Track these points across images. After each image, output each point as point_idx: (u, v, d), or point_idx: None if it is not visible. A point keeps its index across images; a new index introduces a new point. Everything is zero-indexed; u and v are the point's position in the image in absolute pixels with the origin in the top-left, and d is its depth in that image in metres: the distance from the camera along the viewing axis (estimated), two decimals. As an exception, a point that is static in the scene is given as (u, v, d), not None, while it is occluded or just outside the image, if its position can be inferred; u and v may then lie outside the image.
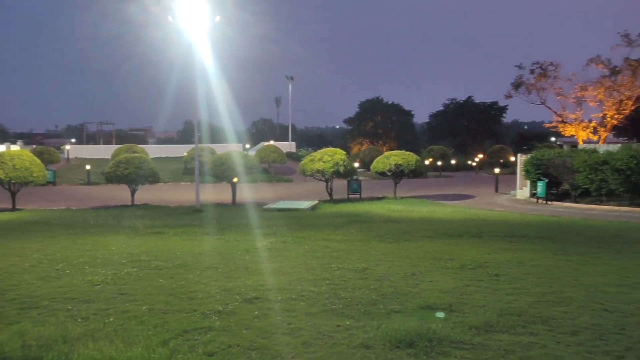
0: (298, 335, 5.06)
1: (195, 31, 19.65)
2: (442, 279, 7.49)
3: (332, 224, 14.27)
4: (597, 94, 40.05)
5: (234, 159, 22.65)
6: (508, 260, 8.86)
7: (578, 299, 6.33)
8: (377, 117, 79.86)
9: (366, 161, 41.29)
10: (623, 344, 4.74)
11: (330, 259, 9.01)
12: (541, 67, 42.21)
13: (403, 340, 4.74)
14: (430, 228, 13.32)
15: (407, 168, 23.67)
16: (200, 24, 19.54)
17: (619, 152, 19.95)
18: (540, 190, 22.10)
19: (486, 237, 11.69)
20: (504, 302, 6.18)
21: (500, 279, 7.44)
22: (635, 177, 18.68)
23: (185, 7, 19.12)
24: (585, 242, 11.07)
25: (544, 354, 4.45)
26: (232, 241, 11.34)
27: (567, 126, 41.95)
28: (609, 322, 5.40)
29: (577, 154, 22.14)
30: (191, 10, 19.15)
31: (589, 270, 8.10)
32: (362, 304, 6.09)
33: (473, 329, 5.15)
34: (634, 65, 38.63)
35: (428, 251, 9.83)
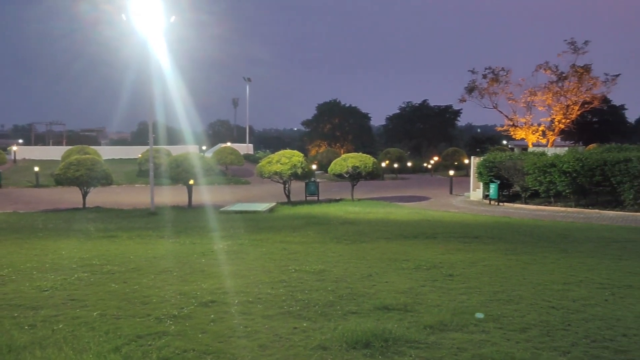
0: (255, 338, 5.03)
1: (151, 31, 19.28)
2: (398, 279, 7.60)
3: (290, 226, 14.26)
4: (545, 99, 41.52)
5: (191, 161, 22.33)
6: (461, 261, 9.07)
7: (527, 297, 6.54)
8: (334, 120, 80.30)
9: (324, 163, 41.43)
10: (569, 340, 4.93)
11: (288, 261, 9.00)
12: (493, 72, 43.45)
13: (359, 341, 4.78)
14: (387, 229, 13.49)
15: (364, 170, 23.89)
16: (155, 24, 19.18)
17: (566, 155, 20.73)
18: (493, 191, 22.71)
19: (441, 238, 11.93)
20: (458, 302, 6.32)
21: (454, 279, 7.61)
22: (581, 179, 19.45)
23: (140, 6, 18.72)
24: (534, 241, 11.45)
25: (495, 351, 4.58)
26: (187, 244, 11.17)
27: (517, 130, 43.29)
28: (555, 318, 5.60)
29: (527, 157, 22.87)
30: (146, 10, 18.77)
31: (537, 269, 8.38)
32: (319, 305, 6.12)
33: (428, 329, 5.25)
34: (580, 72, 40.23)
35: (384, 252, 9.95)
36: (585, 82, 40.49)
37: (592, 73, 40.45)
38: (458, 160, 47.27)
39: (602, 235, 12.58)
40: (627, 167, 18.17)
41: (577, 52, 40.16)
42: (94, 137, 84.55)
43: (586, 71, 40.19)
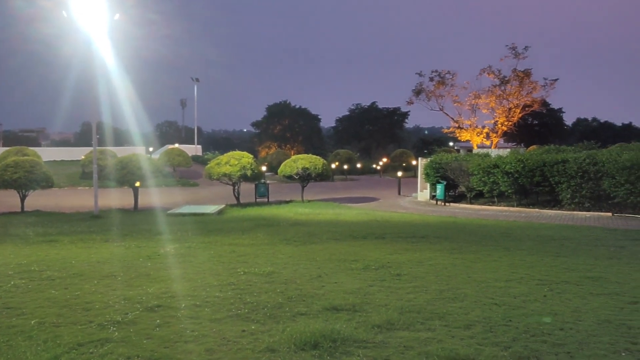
0: (202, 342, 4.95)
1: (94, 28, 18.67)
2: (347, 280, 7.65)
3: (239, 228, 14.13)
4: (489, 102, 42.91)
5: (137, 163, 21.77)
6: (409, 260, 9.23)
7: (471, 294, 6.72)
8: (284, 121, 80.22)
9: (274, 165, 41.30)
10: (510, 335, 5.10)
11: (237, 264, 8.91)
12: (439, 75, 44.55)
13: (308, 342, 4.78)
14: (336, 230, 13.57)
15: (314, 172, 23.97)
16: (98, 21, 18.59)
17: (508, 156, 21.48)
18: (439, 192, 23.25)
19: (389, 238, 12.10)
20: (405, 301, 6.42)
21: (402, 278, 7.73)
22: (522, 180, 20.19)
23: (81, 3, 18.10)
24: (478, 240, 11.79)
25: (440, 348, 4.67)
26: (133, 248, 10.88)
27: (463, 132, 44.53)
28: (498, 315, 5.78)
29: (472, 158, 23.55)
30: (88, 6, 18.16)
31: (481, 267, 8.63)
32: (268, 307, 6.08)
33: (375, 328, 5.31)
34: (521, 76, 41.81)
35: (334, 253, 10.00)
36: (526, 86, 42.16)
37: (532, 77, 42.18)
38: (406, 162, 48.14)
39: (542, 234, 13.10)
40: (565, 168, 18.99)
41: (518, 57, 41.77)
42: (33, 137, 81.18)
43: (526, 75, 41.84)
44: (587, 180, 18.47)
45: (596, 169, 18.20)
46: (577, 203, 18.90)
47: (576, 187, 18.77)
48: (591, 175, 18.32)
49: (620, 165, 17.27)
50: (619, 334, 5.09)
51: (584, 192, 18.60)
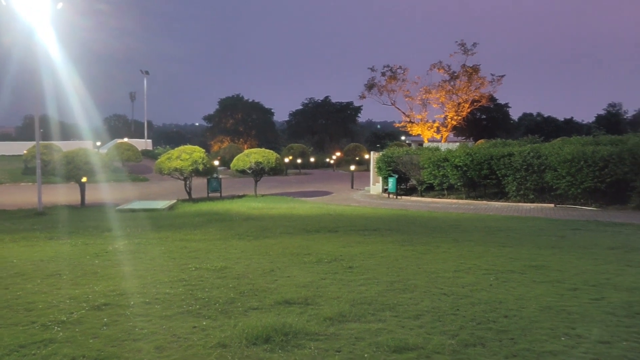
0: (151, 340, 4.86)
1: (36, 18, 17.89)
2: (300, 273, 7.67)
3: (191, 224, 13.93)
4: (439, 97, 43.77)
5: (83, 157, 21.07)
6: (361, 253, 9.33)
7: (421, 285, 6.87)
8: (237, 115, 79.39)
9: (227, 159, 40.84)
10: (458, 324, 5.24)
11: (188, 260, 8.79)
12: (391, 70, 45.07)
13: (260, 337, 4.78)
14: (290, 224, 13.57)
15: (268, 166, 23.86)
16: (40, 10, 17.83)
17: (457, 150, 22.00)
18: (391, 185, 23.60)
19: (342, 232, 12.20)
20: (357, 293, 6.50)
21: (354, 271, 7.81)
22: (471, 173, 20.73)
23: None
24: (428, 232, 12.05)
25: (390, 339, 4.76)
26: (79, 245, 10.55)
27: (414, 126, 45.26)
28: (446, 304, 5.93)
29: (422, 152, 23.99)
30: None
31: (431, 258, 8.83)
32: (219, 303, 6.03)
33: (327, 320, 5.35)
34: (469, 72, 42.83)
35: (287, 247, 10.00)
36: (475, 81, 43.23)
37: (480, 73, 43.27)
38: (359, 156, 48.57)
39: (489, 225, 13.50)
40: (511, 161, 19.62)
41: (467, 53, 42.76)
42: (-30, 131, 77.23)
43: (475, 71, 42.90)
44: (531, 173, 19.14)
45: (540, 162, 18.88)
46: (522, 195, 19.57)
47: (521, 180, 19.43)
48: (535, 168, 19.00)
49: (561, 158, 17.99)
50: (559, 320, 5.32)
51: (529, 185, 19.28)
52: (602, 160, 17.15)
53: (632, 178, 16.60)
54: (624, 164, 16.68)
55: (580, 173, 17.45)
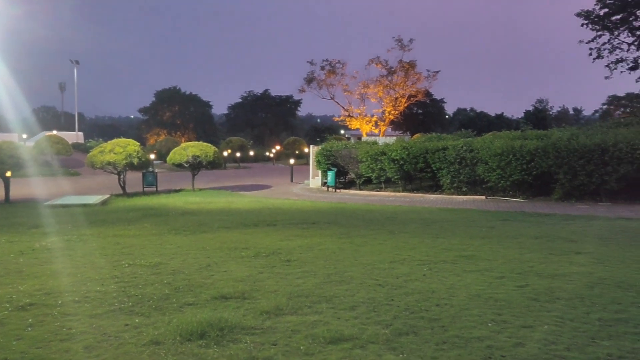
0: (80, 339, 4.68)
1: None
2: (237, 268, 7.62)
3: (125, 219, 13.52)
4: (377, 91, 44.47)
5: (7, 150, 19.98)
6: (299, 246, 9.37)
7: (357, 277, 6.98)
8: (174, 108, 77.62)
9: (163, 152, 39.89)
10: (392, 313, 5.37)
11: (121, 256, 8.53)
12: (330, 64, 45.36)
13: (194, 333, 4.71)
14: (228, 219, 13.44)
15: (205, 159, 23.49)
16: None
17: (394, 144, 22.47)
18: (330, 179, 23.81)
19: (280, 225, 12.20)
20: (294, 286, 6.52)
21: (292, 264, 7.84)
22: (407, 166, 21.23)
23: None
24: (366, 225, 12.25)
25: (326, 330, 4.81)
26: (3, 243, 10.00)
27: (353, 120, 45.79)
28: (381, 295, 6.06)
29: (361, 146, 24.34)
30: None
31: (367, 250, 8.98)
32: (153, 299, 5.89)
33: (264, 314, 5.34)
34: (406, 67, 43.75)
35: (224, 242, 9.90)
36: (411, 76, 44.22)
37: (416, 69, 44.30)
38: (299, 149, 48.67)
39: (424, 217, 13.89)
40: (445, 155, 20.24)
41: (404, 48, 43.67)
42: None
43: (411, 67, 43.87)
44: (464, 166, 19.83)
45: (472, 156, 19.58)
46: (456, 187, 20.25)
47: (455, 173, 20.09)
48: (468, 161, 19.69)
49: (492, 152, 18.73)
50: (487, 307, 5.55)
51: (462, 177, 19.96)
52: (529, 154, 17.99)
53: (556, 171, 17.52)
54: (548, 157, 17.57)
55: (509, 166, 18.23)
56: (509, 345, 4.42)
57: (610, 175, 16.56)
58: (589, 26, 32.48)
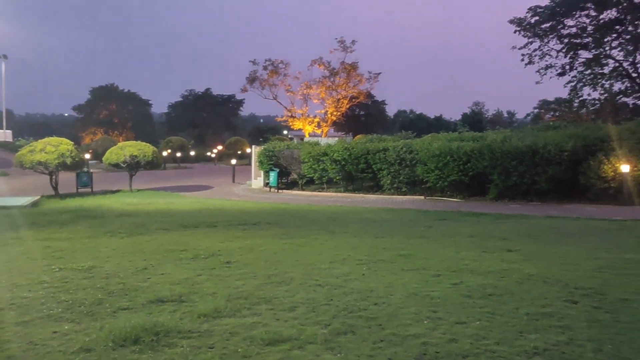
0: (4, 349, 4.43)
1: None
2: (175, 270, 7.45)
3: (57, 221, 12.94)
4: (319, 92, 44.71)
5: None
6: (240, 247, 9.28)
7: (297, 277, 6.98)
8: (111, 106, 75.14)
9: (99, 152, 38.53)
10: (331, 313, 5.40)
11: (52, 260, 8.15)
12: (273, 64, 45.21)
13: (128, 338, 4.56)
14: (166, 220, 13.13)
15: (144, 159, 22.87)
16: None
17: (336, 145, 22.67)
18: (272, 179, 23.73)
19: (221, 226, 12.04)
20: (233, 288, 6.45)
21: (232, 266, 7.74)
22: (349, 167, 21.45)
23: None
24: (307, 225, 12.28)
25: (265, 332, 4.78)
26: None
27: (295, 120, 45.84)
28: (320, 295, 6.09)
29: (303, 147, 24.41)
30: None
31: (308, 250, 9.01)
32: (85, 305, 5.67)
33: (202, 317, 5.25)
34: (348, 69, 44.22)
35: (162, 244, 9.67)
36: (353, 78, 44.73)
37: (358, 70, 44.85)
38: (241, 150, 48.24)
39: (364, 217, 14.08)
40: (385, 156, 20.61)
41: (346, 50, 44.11)
42: None
43: (353, 68, 44.39)
44: (404, 167, 20.25)
45: (411, 157, 20.03)
46: (396, 188, 20.65)
47: (395, 174, 20.48)
48: (407, 162, 20.12)
49: (431, 153, 19.22)
50: (423, 305, 5.68)
51: (402, 178, 20.38)
52: (465, 155, 18.58)
53: (490, 172, 18.19)
54: (483, 158, 18.22)
55: (447, 167, 18.77)
56: (443, 342, 4.55)
57: (540, 175, 17.35)
58: (521, 33, 33.92)
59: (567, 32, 33.06)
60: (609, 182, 16.62)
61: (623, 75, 32.39)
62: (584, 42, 33.05)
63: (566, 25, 32.90)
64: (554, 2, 32.07)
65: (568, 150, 17.24)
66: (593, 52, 32.81)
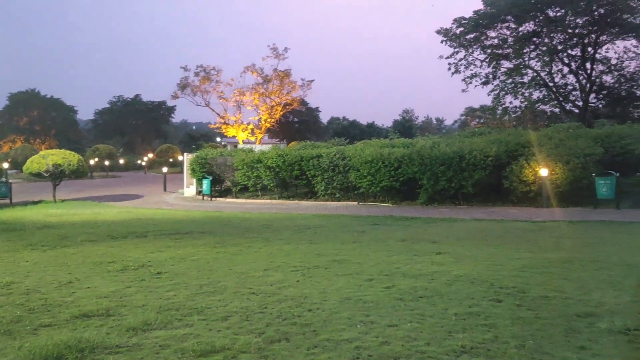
0: None
1: None
2: (102, 283, 7.16)
3: (-29, 236, 12.11)
4: (253, 99, 44.48)
5: None
6: (171, 257, 9.05)
7: (231, 286, 6.89)
8: (33, 112, 71.44)
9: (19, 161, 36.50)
10: (265, 321, 5.36)
11: (-36, 277, 7.62)
12: (205, 70, 44.59)
13: (49, 356, 4.33)
14: (93, 231, 12.62)
15: (69, 168, 21.87)
16: None
17: (270, 152, 22.61)
18: (205, 187, 23.33)
19: (151, 237, 11.70)
20: (164, 299, 6.27)
21: (162, 277, 7.54)
22: (283, 174, 21.45)
23: None
24: (241, 233, 12.16)
25: (197, 343, 4.68)
26: None
27: (229, 127, 45.34)
28: (254, 303, 6.04)
29: (237, 154, 24.17)
30: None
31: (242, 259, 8.91)
32: (2, 323, 5.33)
33: (130, 331, 5.07)
34: (281, 76, 44.30)
35: (88, 256, 9.27)
36: (286, 85, 44.83)
37: (291, 77, 45.00)
38: (173, 157, 47.15)
39: (299, 224, 14.11)
40: (319, 162, 20.76)
41: (279, 57, 44.17)
42: None
43: (286, 75, 44.50)
44: (337, 173, 20.48)
45: (345, 163, 20.30)
46: (330, 194, 20.84)
47: (329, 180, 20.68)
48: (341, 168, 20.37)
49: (363, 159, 19.56)
50: (357, 309, 5.76)
51: (335, 184, 20.60)
52: (396, 161, 19.04)
53: (420, 177, 18.73)
54: (413, 164, 18.74)
55: (379, 173, 19.15)
56: (376, 345, 4.62)
57: (467, 180, 18.05)
58: (447, 43, 35.28)
59: (490, 43, 34.70)
60: (530, 186, 17.52)
61: (541, 85, 34.34)
62: (505, 53, 34.79)
63: (489, 36, 34.53)
64: (477, 15, 33.59)
65: (492, 155, 18.04)
66: (514, 62, 34.59)
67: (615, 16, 30.53)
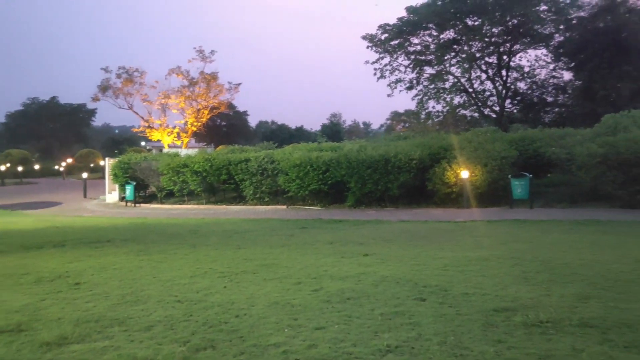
0: None
1: None
2: (13, 297, 6.72)
3: None
4: (178, 103, 43.51)
5: None
6: (91, 267, 8.65)
7: (155, 295, 6.67)
8: None
9: None
10: (190, 329, 5.22)
11: None
12: (127, 72, 43.15)
13: (-48, 378, 4.01)
14: (5, 241, 11.85)
15: (-24, 175, 20.41)
16: None
17: (196, 156, 22.17)
18: (129, 193, 22.53)
19: (69, 246, 11.14)
20: (82, 311, 5.98)
21: (81, 287, 7.19)
22: (210, 178, 21.09)
23: None
24: (166, 240, 11.82)
25: (117, 355, 4.49)
26: None
27: (153, 131, 44.09)
28: (179, 311, 5.87)
29: (161, 158, 23.50)
30: None
31: (167, 266, 8.66)
32: None
33: (44, 346, 4.78)
34: (208, 79, 43.63)
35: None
36: (213, 88, 44.19)
37: (218, 81, 44.41)
38: (94, 162, 45.24)
39: (227, 228, 13.91)
40: (247, 166, 20.59)
41: (205, 60, 43.50)
42: None
43: (213, 78, 43.87)
44: (266, 177, 20.39)
45: (273, 167, 20.25)
46: (259, 198, 20.71)
47: (257, 184, 20.54)
48: (269, 172, 20.29)
49: (291, 163, 19.59)
50: (284, 313, 5.73)
51: (264, 188, 20.49)
52: (324, 165, 19.21)
53: (348, 180, 19.00)
54: (341, 167, 18.98)
55: (307, 176, 19.25)
56: (303, 348, 4.62)
57: (393, 182, 18.50)
58: (373, 48, 36.06)
59: (414, 49, 35.80)
60: (452, 187, 18.22)
61: (461, 90, 35.83)
62: (428, 59, 36.02)
63: (412, 42, 35.62)
64: (401, 22, 34.58)
65: (416, 158, 18.60)
66: (436, 68, 35.88)
67: (527, 27, 32.39)
